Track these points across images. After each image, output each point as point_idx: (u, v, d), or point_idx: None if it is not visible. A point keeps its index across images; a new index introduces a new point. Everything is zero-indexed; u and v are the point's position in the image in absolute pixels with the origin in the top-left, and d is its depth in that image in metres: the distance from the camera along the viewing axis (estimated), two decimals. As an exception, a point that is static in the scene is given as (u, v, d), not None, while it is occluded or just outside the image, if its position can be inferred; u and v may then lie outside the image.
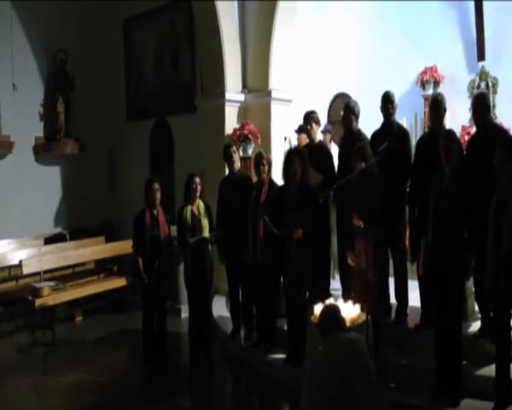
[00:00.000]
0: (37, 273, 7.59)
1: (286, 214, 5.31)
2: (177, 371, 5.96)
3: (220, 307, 7.17)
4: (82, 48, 9.72)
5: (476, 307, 5.30)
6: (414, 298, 5.44)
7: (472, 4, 8.41)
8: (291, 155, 5.38)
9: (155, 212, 5.92)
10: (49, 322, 7.22)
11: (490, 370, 4.54)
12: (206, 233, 5.89)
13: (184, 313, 7.26)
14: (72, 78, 9.64)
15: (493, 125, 4.94)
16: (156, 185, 5.92)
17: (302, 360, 4.59)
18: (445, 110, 5.23)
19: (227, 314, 6.75)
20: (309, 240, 5.24)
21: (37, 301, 7.00)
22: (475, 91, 8.49)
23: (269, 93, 7.74)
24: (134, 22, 9.98)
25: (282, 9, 7.62)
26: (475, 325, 5.19)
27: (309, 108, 6.27)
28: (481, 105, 4.87)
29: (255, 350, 5.89)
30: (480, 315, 5.17)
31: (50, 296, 7.18)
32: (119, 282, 8.27)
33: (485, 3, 8.26)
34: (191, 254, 5.85)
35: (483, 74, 8.56)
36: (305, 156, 5.37)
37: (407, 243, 5.40)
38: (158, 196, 5.91)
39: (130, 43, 10.13)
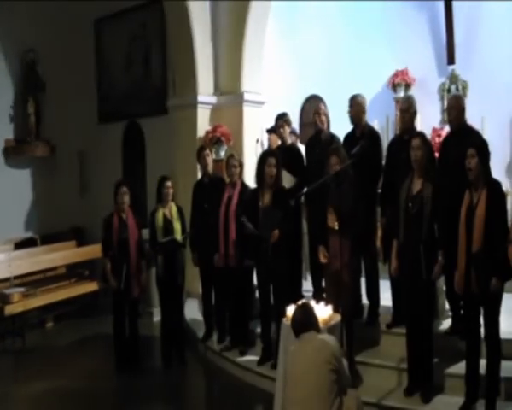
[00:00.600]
0: (7, 279, 7.43)
1: (261, 216, 5.31)
2: (150, 375, 5.89)
3: (193, 311, 7.13)
4: (53, 48, 9.56)
5: (447, 306, 5.37)
6: (385, 298, 5.49)
7: (442, 9, 8.54)
8: (265, 157, 5.39)
9: (124, 215, 5.85)
10: (19, 329, 7.08)
11: (460, 367, 4.61)
12: (179, 236, 5.85)
13: (156, 317, 7.20)
14: (42, 79, 9.50)
15: (468, 127, 5.01)
16: (124, 189, 5.86)
17: (276, 362, 4.60)
18: (415, 113, 5.29)
19: (200, 317, 6.72)
20: (286, 242, 5.26)
21: (7, 308, 6.86)
22: (446, 94, 8.66)
23: (241, 95, 7.73)
24: (105, 23, 9.84)
25: (254, 12, 7.62)
26: (446, 323, 5.26)
27: (281, 111, 6.28)
28: (457, 106, 4.94)
29: (228, 353, 5.87)
30: (450, 313, 5.25)
31: (20, 303, 7.05)
32: (91, 286, 8.17)
33: (455, 8, 8.41)
34: (163, 257, 5.81)
35: (453, 78, 8.74)
36: (278, 158, 5.39)
37: (378, 243, 5.45)
38: (126, 199, 5.85)
39: (102, 44, 9.99)
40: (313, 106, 6.18)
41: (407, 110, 5.19)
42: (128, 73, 9.56)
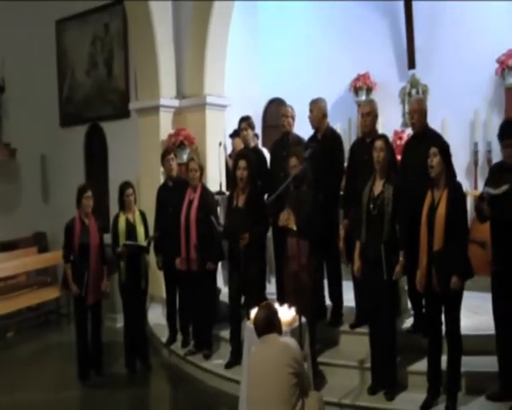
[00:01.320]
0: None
1: (234, 218, 5.33)
2: (114, 382, 5.80)
3: (156, 315, 7.08)
4: (13, 50, 9.37)
5: (409, 304, 5.46)
6: (349, 299, 5.54)
7: (403, 14, 8.69)
8: (236, 159, 5.40)
9: (87, 220, 5.76)
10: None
11: (423, 364, 4.71)
12: (143, 241, 5.80)
13: (119, 323, 7.09)
14: (2, 80, 9.30)
15: (430, 129, 5.11)
16: (88, 193, 5.77)
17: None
18: (376, 116, 5.37)
19: (163, 322, 6.66)
20: (257, 245, 5.30)
21: (-34, 318, 6.70)
22: (407, 98, 8.81)
23: (204, 99, 7.69)
24: (67, 24, 9.69)
25: (217, 14, 7.60)
26: (409, 322, 5.36)
27: (244, 114, 6.29)
28: (419, 109, 5.02)
29: (193, 357, 5.85)
30: (412, 312, 5.35)
31: (-20, 312, 6.89)
32: (53, 293, 8.02)
33: (415, 13, 8.56)
34: (125, 262, 5.75)
35: (414, 81, 8.87)
36: (251, 161, 5.40)
37: (341, 244, 5.50)
38: (90, 203, 5.76)
39: (63, 45, 9.82)
40: (278, 109, 6.18)
41: (368, 113, 5.26)
42: (90, 75, 9.44)
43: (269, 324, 3.69)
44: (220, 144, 7.19)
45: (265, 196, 5.63)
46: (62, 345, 6.98)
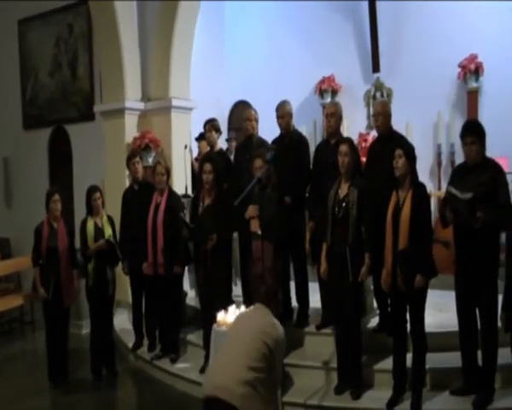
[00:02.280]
0: None
1: (200, 219, 5.30)
2: (80, 389, 5.70)
3: (122, 320, 7.00)
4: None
5: (375, 304, 5.52)
6: (315, 300, 5.57)
7: (367, 18, 8.81)
8: (202, 163, 5.38)
9: (55, 224, 5.68)
10: None
11: (388, 362, 4.76)
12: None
13: (85, 329, 7.01)
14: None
15: (395, 132, 5.18)
16: (57, 196, 5.70)
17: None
18: (341, 117, 5.41)
19: (129, 327, 6.59)
20: (224, 247, 5.29)
21: None
22: (371, 101, 8.94)
23: (169, 101, 7.66)
24: (29, 24, 9.50)
25: (182, 17, 7.58)
26: (374, 321, 5.41)
27: (209, 116, 6.27)
28: (384, 112, 5.07)
29: (159, 361, 5.80)
30: (378, 311, 5.40)
31: None
32: (16, 301, 7.80)
33: (379, 17, 8.70)
34: (93, 267, 5.67)
35: (378, 85, 9.01)
36: (217, 163, 5.38)
37: (307, 246, 5.53)
38: (58, 207, 5.68)
39: (26, 45, 9.63)
40: (243, 111, 6.17)
41: (333, 114, 5.29)
42: (54, 76, 9.28)
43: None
44: (186, 147, 7.17)
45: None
46: (27, 353, 6.84)
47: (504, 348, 4.28)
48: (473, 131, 4.38)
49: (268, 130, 5.84)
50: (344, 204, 4.63)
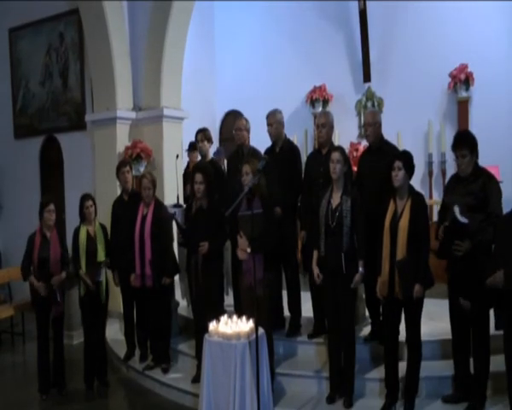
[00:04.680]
0: None
1: (191, 226, 5.29)
2: (72, 400, 5.62)
3: (113, 331, 6.96)
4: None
5: (367, 312, 5.53)
6: (306, 309, 5.56)
7: (358, 28, 8.87)
8: (193, 173, 5.36)
9: (48, 233, 5.64)
10: None
11: (380, 370, 4.79)
12: (102, 254, 5.70)
13: (76, 340, 6.98)
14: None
15: (385, 141, 5.20)
16: (51, 207, 5.66)
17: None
18: (332, 127, 5.43)
19: (120, 337, 6.55)
20: (216, 257, 5.27)
21: None
22: (363, 110, 8.99)
23: (160, 111, 7.67)
24: (20, 32, 9.48)
25: (173, 26, 7.61)
26: (366, 329, 5.42)
27: (201, 126, 6.28)
28: (374, 122, 5.11)
29: (151, 372, 5.77)
30: (370, 320, 5.41)
31: None
32: (7, 312, 7.71)
33: (370, 27, 8.76)
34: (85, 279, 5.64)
35: (369, 94, 9.07)
36: (208, 173, 5.37)
37: (299, 255, 5.53)
38: (52, 217, 5.64)
39: (17, 54, 9.62)
40: (234, 121, 6.18)
41: (324, 124, 5.30)
42: (45, 85, 9.26)
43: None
44: (177, 157, 7.15)
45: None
46: (17, 365, 6.76)
47: (496, 356, 4.31)
48: (463, 144, 4.39)
49: (260, 139, 5.86)
50: (337, 213, 4.63)
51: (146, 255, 5.60)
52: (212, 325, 4.39)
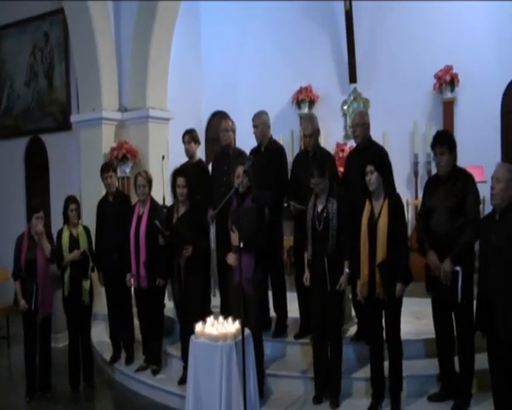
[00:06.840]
0: None
1: (175, 229, 5.26)
2: (58, 402, 5.59)
3: (98, 332, 6.91)
4: None
5: (353, 312, 5.55)
6: (293, 310, 5.57)
7: (344, 29, 8.89)
8: (175, 176, 5.33)
9: (36, 236, 5.60)
10: None
11: (366, 370, 4.81)
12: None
13: (62, 343, 6.91)
14: None
15: (373, 142, 5.22)
16: (40, 214, 5.59)
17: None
18: (318, 131, 5.44)
19: (105, 339, 6.51)
20: (200, 258, 5.25)
21: None
22: (348, 111, 9.02)
23: (146, 112, 7.64)
24: (4, 32, 9.41)
25: (159, 27, 7.58)
26: (352, 329, 5.45)
27: (187, 127, 6.26)
28: (362, 123, 5.13)
29: (137, 374, 5.74)
30: (356, 320, 5.44)
31: None
32: (-9, 315, 7.67)
33: (356, 28, 8.79)
34: (69, 279, 5.60)
35: (355, 95, 9.10)
36: (190, 177, 5.34)
37: (285, 256, 5.53)
38: (40, 225, 5.57)
39: (2, 54, 9.53)
40: (220, 122, 6.17)
41: (311, 135, 5.30)
42: (30, 86, 9.19)
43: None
44: (163, 158, 7.14)
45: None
46: (2, 368, 6.68)
47: (480, 354, 4.34)
48: (442, 142, 4.42)
49: (246, 140, 5.86)
50: (323, 217, 4.64)
51: (140, 256, 5.56)
52: (199, 327, 4.38)
